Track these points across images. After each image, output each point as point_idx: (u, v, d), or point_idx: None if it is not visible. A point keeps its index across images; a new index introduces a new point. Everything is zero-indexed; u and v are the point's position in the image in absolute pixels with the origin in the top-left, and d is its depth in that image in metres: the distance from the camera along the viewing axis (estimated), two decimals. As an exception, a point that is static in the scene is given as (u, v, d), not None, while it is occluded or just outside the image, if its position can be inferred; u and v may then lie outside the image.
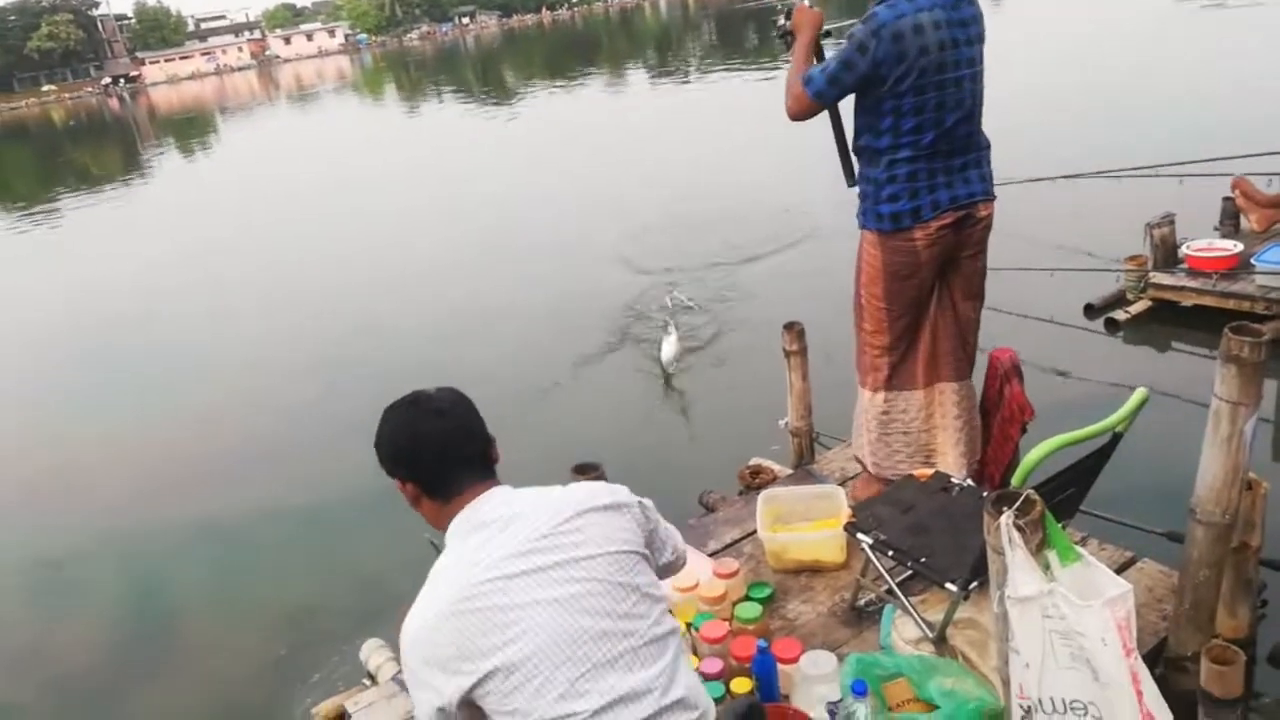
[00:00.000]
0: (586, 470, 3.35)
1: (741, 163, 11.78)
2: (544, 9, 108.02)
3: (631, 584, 1.72)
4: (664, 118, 18.26)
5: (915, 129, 2.85)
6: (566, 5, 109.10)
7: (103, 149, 35.47)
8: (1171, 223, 5.46)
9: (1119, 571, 2.93)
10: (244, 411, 6.81)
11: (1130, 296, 5.50)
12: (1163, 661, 2.58)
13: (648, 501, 1.92)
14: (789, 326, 3.77)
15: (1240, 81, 11.17)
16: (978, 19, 2.90)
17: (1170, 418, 3.99)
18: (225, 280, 10.86)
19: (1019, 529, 1.86)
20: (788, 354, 3.79)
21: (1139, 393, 2.34)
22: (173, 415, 6.90)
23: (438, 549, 3.18)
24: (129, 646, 4.33)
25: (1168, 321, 5.31)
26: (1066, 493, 2.50)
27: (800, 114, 3.01)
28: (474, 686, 1.62)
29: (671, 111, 18.82)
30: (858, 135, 3.04)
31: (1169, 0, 21.52)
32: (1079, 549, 1.97)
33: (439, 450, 1.80)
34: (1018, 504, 1.91)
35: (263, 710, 3.72)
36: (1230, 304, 5.01)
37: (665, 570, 2.03)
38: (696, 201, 10.31)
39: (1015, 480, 2.19)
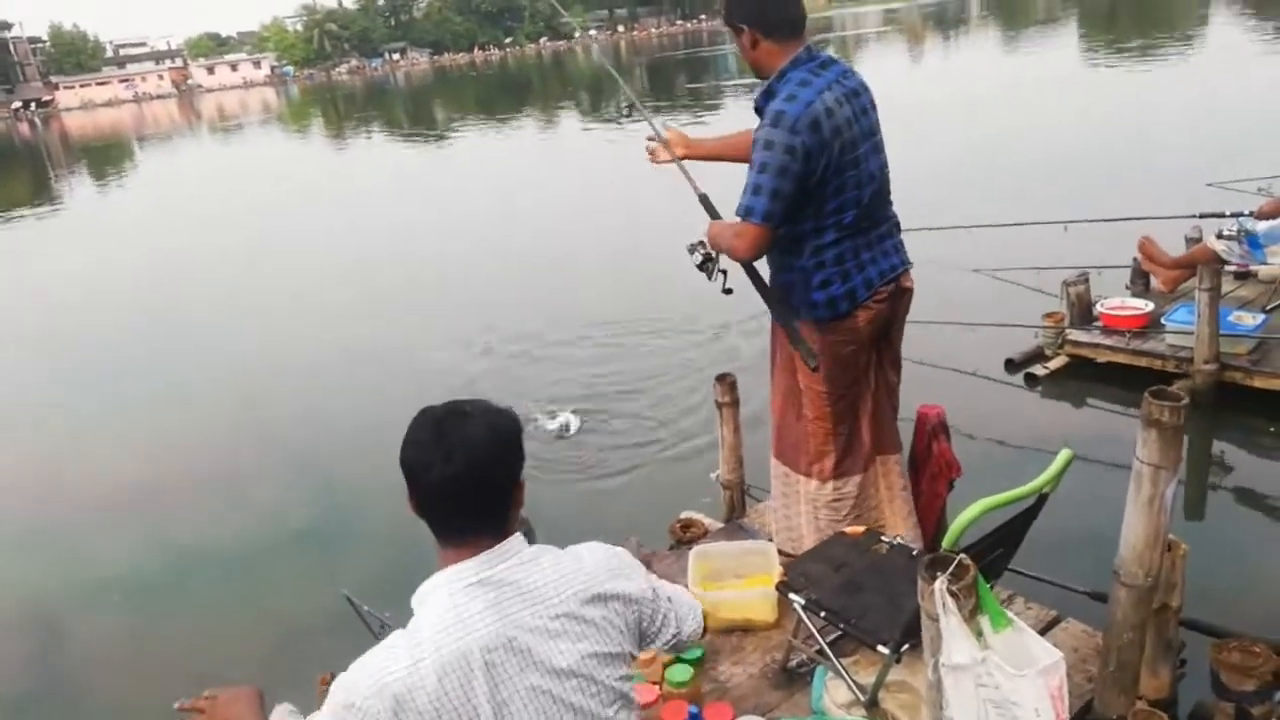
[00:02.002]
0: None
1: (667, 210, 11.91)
2: (475, 49, 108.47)
3: (616, 688, 1.64)
4: (591, 160, 18.38)
5: (837, 209, 2.79)
6: (497, 46, 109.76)
7: (10, 175, 34.13)
8: (1086, 281, 5.64)
9: (1044, 631, 2.96)
10: (124, 449, 6.54)
11: (1048, 352, 5.64)
12: (1088, 722, 2.59)
13: (655, 585, 1.79)
14: (721, 378, 3.75)
15: (1146, 140, 11.77)
16: (866, 88, 2.88)
17: (1089, 474, 4.09)
18: (130, 305, 10.58)
19: (953, 595, 1.86)
20: (719, 406, 3.77)
21: (1064, 454, 2.37)
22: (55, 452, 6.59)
23: (355, 606, 2.99)
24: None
25: (1084, 377, 5.46)
26: (995, 554, 2.52)
27: (754, 250, 2.78)
28: None
29: (600, 153, 18.96)
30: None
31: (1077, 64, 22.66)
32: (1009, 614, 1.97)
33: (440, 497, 1.61)
34: (951, 569, 1.90)
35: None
36: (1143, 362, 5.19)
37: (676, 647, 1.92)
38: (628, 247, 10.37)
39: (946, 543, 2.19)
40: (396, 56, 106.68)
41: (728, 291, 3.02)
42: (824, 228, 2.81)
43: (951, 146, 12.90)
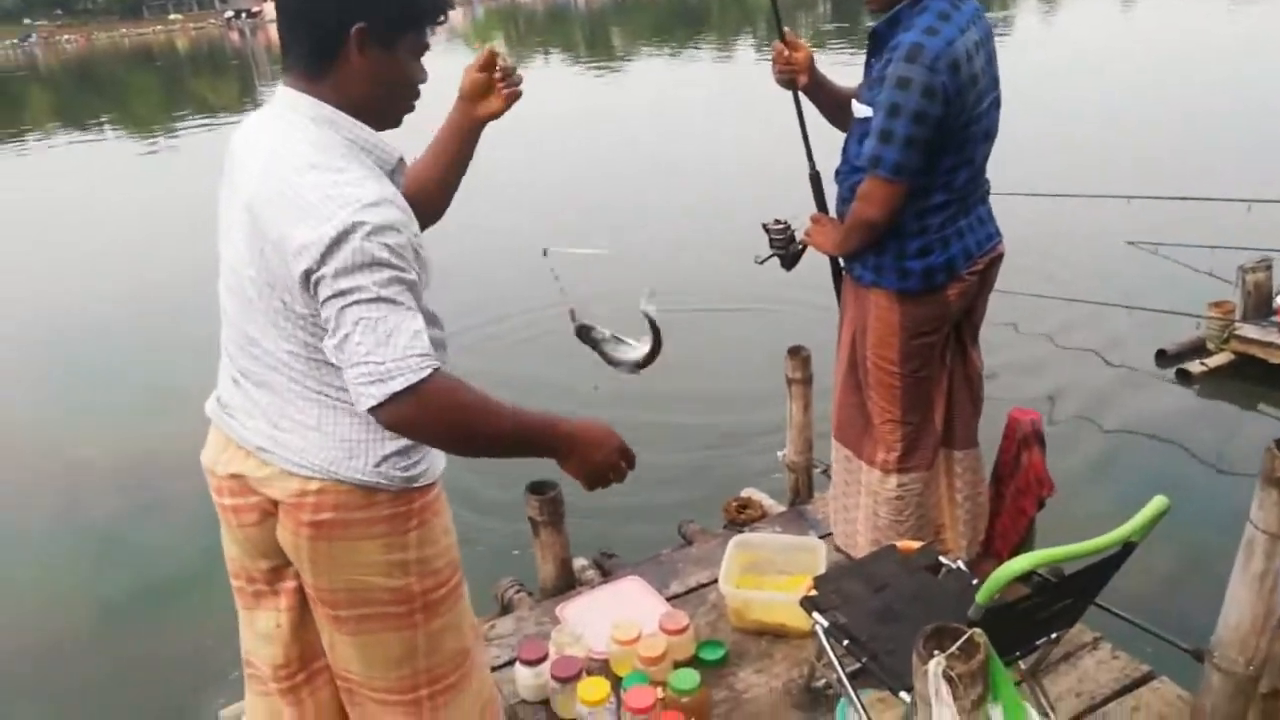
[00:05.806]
0: (542, 490, 3.05)
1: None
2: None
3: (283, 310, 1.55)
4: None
5: (952, 167, 2.39)
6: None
7: (225, 80, 36.25)
8: (1269, 267, 4.82)
9: (1131, 688, 2.50)
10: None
11: (1210, 347, 4.90)
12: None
13: (343, 284, 1.41)
14: (794, 351, 3.38)
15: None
16: (992, 34, 2.47)
17: (1229, 501, 3.47)
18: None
19: (949, 680, 1.48)
20: (790, 382, 3.41)
21: (1157, 501, 1.91)
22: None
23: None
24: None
25: (1250, 379, 4.68)
26: (1059, 605, 2.10)
27: (887, 211, 2.40)
28: None
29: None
30: None
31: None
32: (1028, 707, 1.57)
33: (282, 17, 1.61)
34: (959, 644, 1.52)
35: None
36: (1325, 370, 4.42)
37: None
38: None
39: (981, 597, 1.80)
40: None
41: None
42: (935, 187, 2.41)
43: (1119, 104, 11.42)
